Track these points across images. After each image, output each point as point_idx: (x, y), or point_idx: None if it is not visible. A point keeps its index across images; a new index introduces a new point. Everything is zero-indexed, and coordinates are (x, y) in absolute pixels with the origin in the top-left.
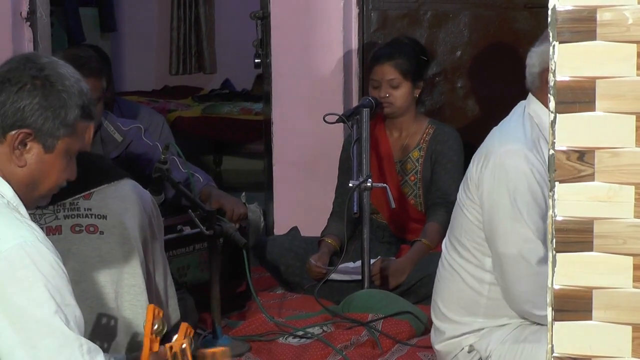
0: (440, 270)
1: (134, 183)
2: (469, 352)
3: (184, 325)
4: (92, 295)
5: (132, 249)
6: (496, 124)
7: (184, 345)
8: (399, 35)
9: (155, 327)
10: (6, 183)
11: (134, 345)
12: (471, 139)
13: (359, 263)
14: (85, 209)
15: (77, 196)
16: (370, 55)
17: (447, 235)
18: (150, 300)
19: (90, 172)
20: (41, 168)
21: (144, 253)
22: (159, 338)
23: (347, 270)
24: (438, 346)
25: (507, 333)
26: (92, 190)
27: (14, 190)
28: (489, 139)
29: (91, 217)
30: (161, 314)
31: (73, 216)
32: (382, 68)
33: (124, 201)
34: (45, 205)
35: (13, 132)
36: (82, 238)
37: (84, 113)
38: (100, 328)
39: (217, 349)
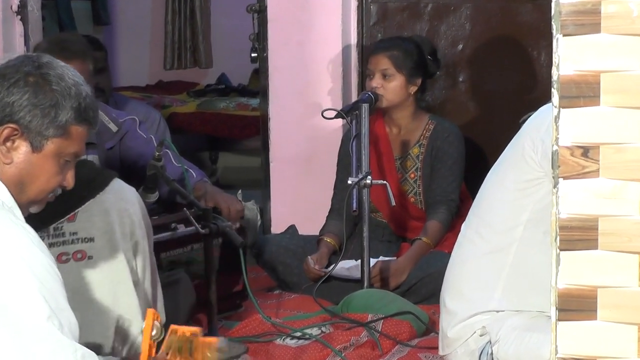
0: (456, 250)
1: (118, 185)
2: (481, 335)
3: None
4: (85, 324)
5: (124, 266)
6: (499, 120)
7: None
8: (412, 35)
9: (154, 332)
10: (1, 183)
11: None
12: (473, 135)
13: (358, 262)
14: (70, 233)
15: (61, 220)
16: (371, 46)
17: (471, 218)
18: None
19: (73, 189)
20: (28, 168)
21: (134, 259)
22: (156, 343)
23: (344, 270)
24: (450, 332)
25: (521, 320)
26: (76, 211)
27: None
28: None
29: (78, 242)
30: (160, 320)
31: (58, 244)
32: (377, 57)
33: (109, 214)
34: (39, 223)
35: (0, 128)
36: (70, 267)
37: (79, 116)
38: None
39: (211, 339)
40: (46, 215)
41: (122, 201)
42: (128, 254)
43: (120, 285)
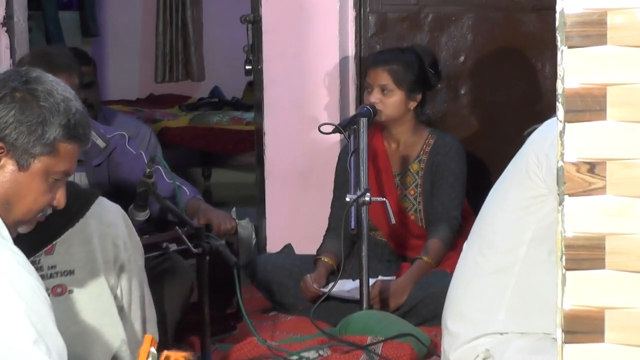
0: (458, 270)
1: (100, 208)
2: (485, 358)
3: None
4: (70, 358)
5: (107, 296)
6: (502, 134)
7: None
8: (413, 44)
9: (149, 359)
10: None
11: None
12: (475, 150)
13: (357, 282)
14: (48, 267)
15: (38, 253)
16: (370, 58)
17: (473, 236)
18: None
19: (49, 218)
20: (15, 188)
21: (118, 284)
22: None
23: (346, 291)
24: (452, 355)
25: (526, 343)
26: (53, 243)
27: None
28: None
29: (57, 276)
30: (156, 345)
31: None
32: (376, 72)
33: (91, 242)
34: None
35: None
36: (51, 302)
37: (68, 133)
38: None
39: (182, 354)
40: (22, 247)
41: (103, 225)
42: (112, 281)
43: (105, 316)
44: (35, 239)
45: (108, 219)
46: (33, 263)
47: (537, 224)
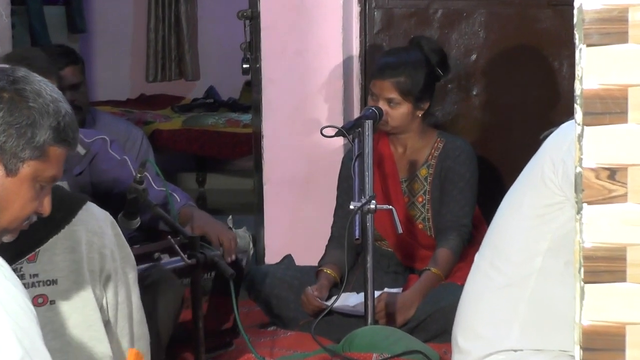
0: (469, 282)
1: (90, 214)
2: None
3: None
4: None
5: (93, 308)
6: (516, 137)
7: None
8: (417, 36)
9: None
10: None
11: None
12: (487, 154)
13: (362, 296)
14: (30, 275)
15: (19, 261)
16: (377, 60)
17: (485, 247)
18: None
19: (33, 224)
20: (2, 194)
21: (104, 296)
22: None
23: (350, 307)
24: None
25: None
26: (36, 250)
27: None
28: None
29: (38, 286)
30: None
31: None
32: (382, 84)
33: (76, 250)
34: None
35: None
36: None
37: (57, 136)
38: None
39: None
40: (3, 254)
41: (89, 233)
42: (98, 292)
43: (90, 330)
44: (17, 246)
45: (95, 227)
46: (15, 271)
47: (553, 234)
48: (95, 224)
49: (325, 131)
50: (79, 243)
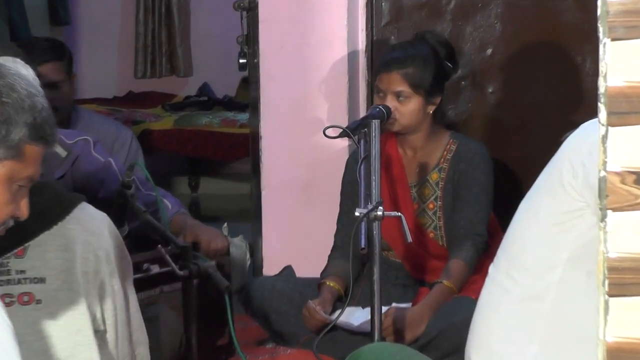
0: (484, 296)
1: (83, 212)
2: None
3: None
4: None
5: (84, 312)
6: (535, 138)
7: None
8: (421, 31)
9: None
10: None
11: None
12: (504, 157)
13: (368, 310)
14: (17, 271)
15: (7, 254)
16: (381, 56)
17: (500, 257)
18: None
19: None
20: None
21: (99, 303)
22: None
23: (355, 325)
24: None
25: None
26: (26, 245)
27: None
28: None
29: (25, 283)
30: None
31: (2, 283)
32: (389, 77)
33: (69, 249)
34: None
35: None
36: (15, 311)
37: (34, 134)
38: None
39: None
40: None
41: (86, 232)
42: (91, 298)
43: (78, 334)
44: (5, 239)
45: (91, 226)
46: (2, 265)
47: (574, 243)
48: (93, 223)
49: (328, 132)
50: (73, 242)
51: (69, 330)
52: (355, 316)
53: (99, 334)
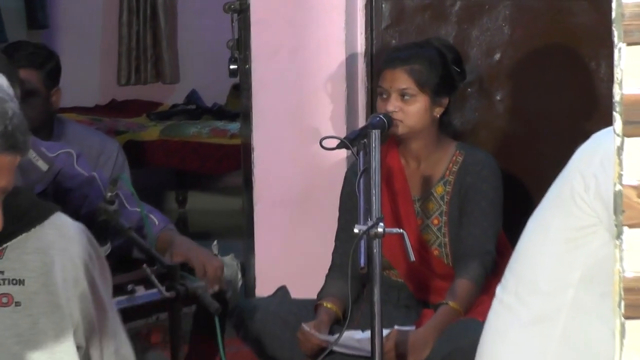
0: (491, 318)
1: (61, 220)
2: None
3: None
4: None
5: (63, 317)
6: (547, 149)
7: None
8: (429, 38)
9: None
10: None
11: None
12: (513, 169)
13: (368, 333)
14: None
15: None
16: (384, 55)
17: (508, 277)
18: None
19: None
20: None
21: (82, 312)
22: None
23: (352, 342)
24: None
25: None
26: (4, 246)
27: None
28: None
29: (3, 284)
30: None
31: None
32: (393, 73)
33: (47, 253)
34: None
35: None
36: None
37: (5, 143)
38: None
39: None
40: None
41: (64, 239)
42: (71, 306)
43: (58, 340)
44: None
45: (69, 233)
46: None
47: (586, 261)
48: (70, 230)
49: (325, 142)
50: (50, 246)
51: (49, 334)
52: (355, 338)
53: (81, 352)
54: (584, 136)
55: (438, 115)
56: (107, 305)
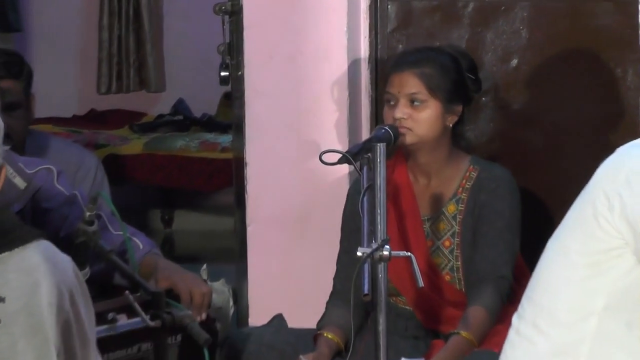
0: (507, 350)
1: (46, 245)
2: None
3: None
4: None
5: (46, 340)
6: (569, 164)
7: None
8: (441, 45)
9: None
10: None
11: None
12: (532, 186)
13: None
14: None
15: None
16: (392, 59)
17: (525, 305)
18: None
19: None
20: None
21: (64, 343)
22: None
23: None
24: None
25: None
26: None
27: None
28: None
29: None
30: None
31: None
32: (402, 77)
33: (31, 274)
34: None
35: None
36: None
37: None
38: None
39: None
40: None
41: (49, 264)
42: (52, 329)
43: None
44: None
45: (56, 260)
46: None
47: (611, 288)
48: (56, 257)
49: (325, 157)
50: (35, 269)
51: (29, 355)
52: None
53: None
54: (609, 150)
55: (451, 125)
56: (91, 343)
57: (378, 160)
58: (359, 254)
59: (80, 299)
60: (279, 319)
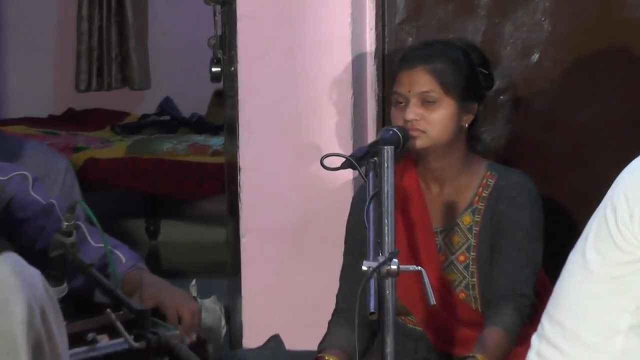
0: None
1: (15, 259)
2: None
3: None
4: None
5: (17, 357)
6: (597, 169)
7: None
8: (450, 38)
9: None
10: None
11: None
12: (554, 194)
13: None
14: None
15: None
16: (398, 57)
17: (546, 324)
18: None
19: None
20: None
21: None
22: None
23: None
24: None
25: None
26: None
27: None
28: None
29: None
30: None
31: None
32: (412, 75)
33: (0, 290)
34: None
35: None
36: None
37: None
38: None
39: None
40: None
41: (18, 277)
42: (23, 348)
43: None
44: None
45: (25, 274)
46: None
47: (637, 304)
48: (25, 271)
49: (327, 161)
50: (6, 282)
51: None
52: None
53: None
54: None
55: (466, 125)
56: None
57: (385, 165)
58: (364, 268)
59: (52, 316)
60: (275, 340)
